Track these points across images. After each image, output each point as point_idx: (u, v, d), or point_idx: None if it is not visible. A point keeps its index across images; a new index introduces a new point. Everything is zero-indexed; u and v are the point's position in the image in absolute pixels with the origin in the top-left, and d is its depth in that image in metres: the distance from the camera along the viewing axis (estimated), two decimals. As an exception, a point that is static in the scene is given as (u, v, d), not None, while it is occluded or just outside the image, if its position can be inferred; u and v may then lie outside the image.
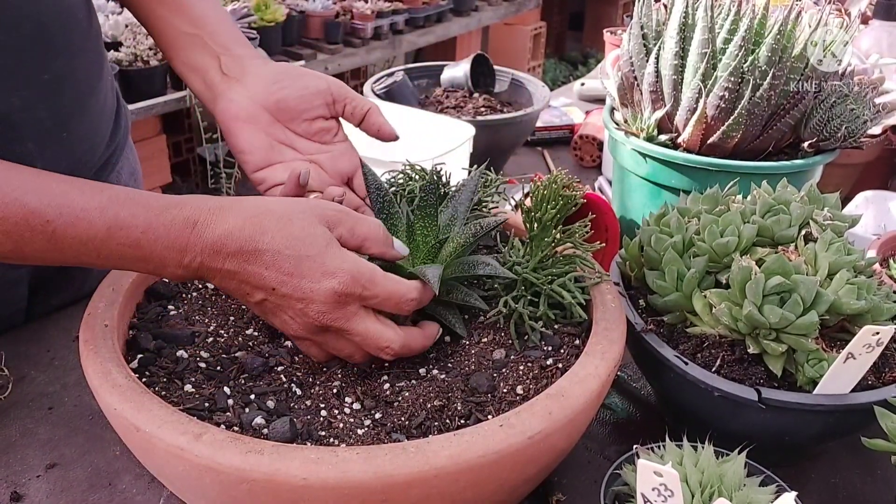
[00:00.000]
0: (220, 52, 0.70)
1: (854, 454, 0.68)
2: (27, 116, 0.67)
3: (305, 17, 2.94)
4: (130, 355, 0.58)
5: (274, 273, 0.52)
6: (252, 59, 0.70)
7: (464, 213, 0.64)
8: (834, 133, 0.81)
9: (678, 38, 0.82)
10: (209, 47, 0.71)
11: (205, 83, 0.71)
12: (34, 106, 0.68)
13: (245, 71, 0.69)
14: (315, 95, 0.68)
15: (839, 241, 0.62)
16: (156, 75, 2.33)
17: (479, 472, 0.46)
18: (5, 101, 0.65)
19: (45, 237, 0.50)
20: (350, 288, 0.52)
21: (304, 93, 0.67)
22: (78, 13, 0.72)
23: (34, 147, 0.69)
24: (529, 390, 0.55)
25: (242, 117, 0.68)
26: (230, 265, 0.52)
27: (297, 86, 0.68)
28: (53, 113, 0.70)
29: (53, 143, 0.71)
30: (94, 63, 0.77)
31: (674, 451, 0.53)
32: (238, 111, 0.68)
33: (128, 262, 0.52)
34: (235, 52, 0.70)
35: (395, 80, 1.34)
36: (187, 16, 0.72)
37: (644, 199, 0.90)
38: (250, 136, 0.68)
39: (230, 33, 0.73)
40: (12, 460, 0.63)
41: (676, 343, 0.63)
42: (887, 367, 0.61)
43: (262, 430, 0.51)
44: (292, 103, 0.68)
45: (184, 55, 0.72)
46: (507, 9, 4.14)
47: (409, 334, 0.57)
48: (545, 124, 1.48)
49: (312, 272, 0.52)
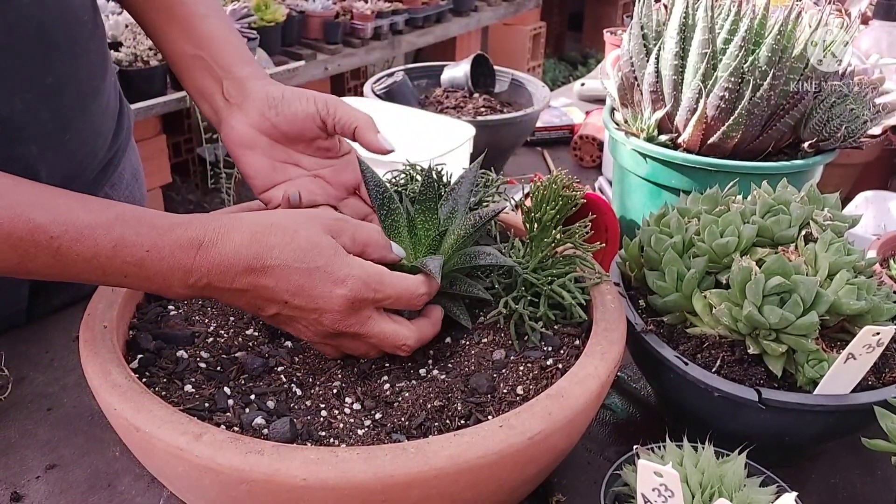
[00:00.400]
0: (222, 75, 0.70)
1: (854, 454, 0.68)
2: (30, 119, 0.67)
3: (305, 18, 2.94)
4: (130, 356, 0.58)
5: (285, 286, 0.52)
6: (253, 80, 0.70)
7: (464, 205, 0.64)
8: (834, 133, 0.81)
9: (678, 39, 0.82)
10: (213, 71, 0.71)
11: (211, 108, 0.72)
12: (37, 108, 0.68)
13: (245, 96, 0.69)
14: (305, 120, 0.67)
15: (839, 242, 0.62)
16: (156, 75, 2.33)
17: (479, 472, 0.46)
18: (7, 104, 0.65)
19: (51, 253, 0.50)
20: (362, 293, 0.53)
21: (295, 119, 0.67)
22: (83, 14, 0.72)
23: (36, 149, 0.69)
24: (529, 391, 0.55)
25: (244, 143, 0.68)
26: (239, 284, 0.52)
27: (288, 112, 0.67)
28: (56, 115, 0.70)
29: (56, 145, 0.71)
30: (98, 65, 0.77)
31: (674, 451, 0.53)
32: (239, 138, 0.68)
33: (132, 281, 0.52)
34: (237, 74, 0.70)
35: (395, 80, 1.34)
36: (194, 36, 0.72)
37: (644, 200, 0.90)
38: (252, 160, 0.68)
39: (234, 53, 0.72)
40: (12, 461, 0.63)
41: (676, 343, 0.63)
42: (887, 368, 0.61)
43: (262, 431, 0.51)
44: (285, 129, 0.68)
45: (191, 79, 0.73)
46: (507, 9, 4.14)
47: (420, 327, 0.58)
48: (545, 124, 1.48)
49: (323, 282, 0.52)
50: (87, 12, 0.73)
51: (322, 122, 0.67)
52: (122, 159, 0.86)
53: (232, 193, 2.71)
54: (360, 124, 0.67)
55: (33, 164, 0.69)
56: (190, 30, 0.73)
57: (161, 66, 2.32)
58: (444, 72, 1.47)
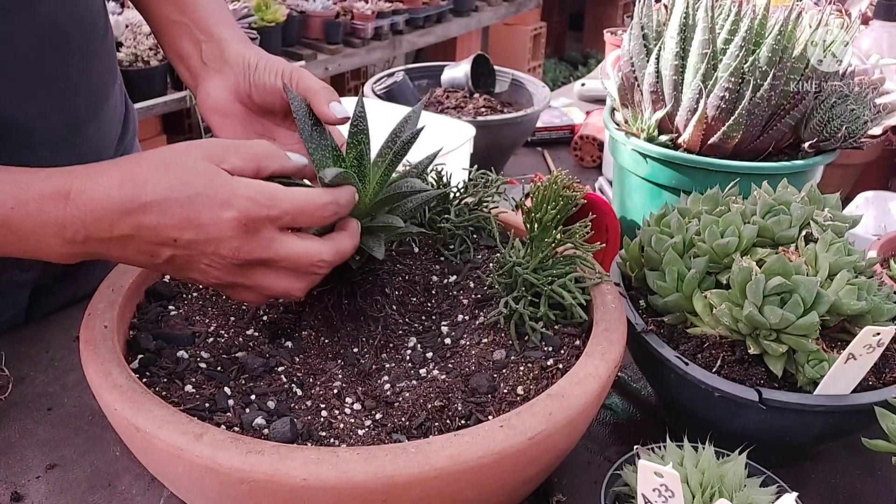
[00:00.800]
0: (202, 38, 0.69)
1: (854, 455, 0.68)
2: (42, 123, 0.67)
3: (306, 18, 2.94)
4: (131, 356, 0.58)
5: (168, 221, 0.48)
6: (233, 44, 0.67)
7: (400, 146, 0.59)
8: (834, 133, 0.81)
9: (679, 39, 0.82)
10: (193, 34, 0.69)
11: (189, 72, 0.70)
12: (50, 113, 0.68)
13: (224, 60, 0.67)
14: (274, 94, 0.65)
15: (839, 242, 0.62)
16: (156, 75, 2.33)
17: (479, 472, 0.46)
18: (21, 108, 0.65)
19: None
20: (253, 211, 0.49)
21: (265, 92, 0.65)
22: (98, 21, 0.72)
23: (47, 154, 0.69)
24: (530, 391, 0.55)
25: (220, 110, 0.66)
26: (120, 230, 0.48)
27: (259, 83, 0.65)
28: (68, 119, 0.70)
29: (66, 149, 0.71)
30: (108, 70, 0.77)
31: (674, 451, 0.53)
32: (215, 104, 0.66)
33: (6, 244, 0.49)
34: (217, 36, 0.68)
35: (396, 80, 1.34)
36: (177, 3, 0.71)
37: (644, 200, 0.90)
38: (227, 129, 0.66)
39: (216, 17, 0.70)
40: (12, 461, 0.63)
41: (677, 344, 0.63)
42: (888, 368, 0.61)
43: (262, 431, 0.51)
44: (258, 100, 0.66)
45: (171, 43, 0.71)
46: (507, 9, 4.14)
47: (335, 240, 0.54)
48: (545, 125, 1.48)
49: (208, 208, 0.48)
50: (102, 18, 0.74)
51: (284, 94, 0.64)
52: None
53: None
54: (314, 96, 0.61)
55: (43, 167, 0.69)
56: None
57: (161, 66, 2.32)
58: (444, 72, 1.47)
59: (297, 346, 0.62)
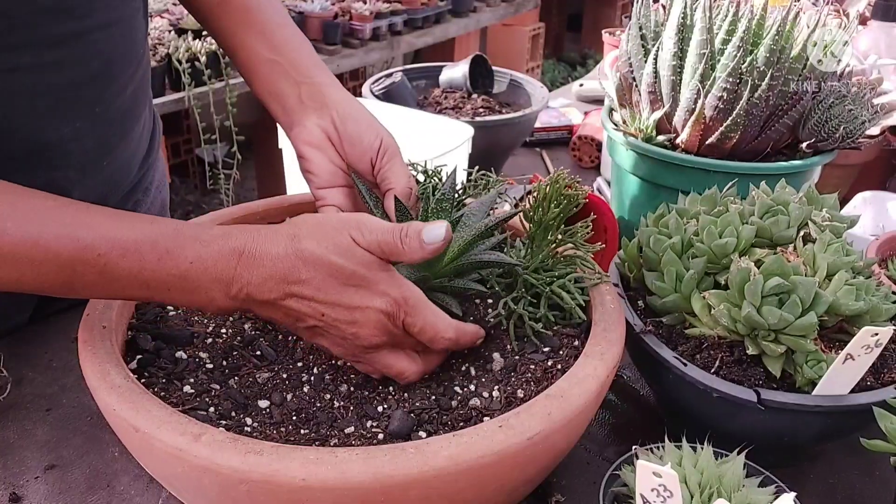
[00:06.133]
0: (301, 80, 0.71)
1: (853, 455, 0.68)
2: (75, 146, 0.69)
3: (304, 18, 2.94)
4: (129, 356, 0.58)
5: (323, 298, 0.52)
6: (329, 88, 0.71)
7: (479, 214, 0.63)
8: (832, 134, 0.81)
9: (676, 39, 0.82)
10: (290, 76, 0.72)
11: (283, 109, 0.72)
12: (83, 135, 0.69)
13: (323, 102, 0.70)
14: (364, 152, 0.68)
15: (838, 242, 0.62)
16: (154, 77, 2.33)
17: (478, 472, 0.46)
18: (57, 131, 0.67)
19: (97, 270, 0.50)
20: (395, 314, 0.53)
21: (357, 143, 0.68)
22: (140, 48, 0.74)
23: (75, 175, 0.70)
24: (529, 391, 0.55)
25: (314, 144, 0.69)
26: (276, 295, 0.52)
27: (353, 134, 0.68)
28: (99, 142, 0.72)
29: (95, 170, 0.73)
30: (142, 92, 0.79)
31: (673, 451, 0.53)
32: (309, 137, 0.69)
33: (176, 295, 0.52)
34: (316, 80, 0.72)
35: (394, 80, 1.34)
36: (269, 42, 0.73)
37: (642, 200, 0.90)
38: (317, 159, 0.69)
39: (312, 59, 0.74)
40: (10, 462, 0.63)
41: (675, 344, 0.63)
42: (886, 368, 0.61)
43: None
44: (347, 148, 0.69)
45: (265, 81, 0.73)
46: (506, 10, 4.14)
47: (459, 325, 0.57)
48: (544, 125, 1.48)
49: (360, 296, 0.53)
50: (143, 45, 0.75)
51: (372, 163, 0.67)
52: (151, 175, 0.88)
53: (231, 194, 2.71)
54: (388, 193, 0.65)
55: (68, 187, 0.70)
56: (267, 35, 0.73)
57: (159, 67, 2.32)
58: (442, 72, 1.47)
59: (298, 346, 0.62)
